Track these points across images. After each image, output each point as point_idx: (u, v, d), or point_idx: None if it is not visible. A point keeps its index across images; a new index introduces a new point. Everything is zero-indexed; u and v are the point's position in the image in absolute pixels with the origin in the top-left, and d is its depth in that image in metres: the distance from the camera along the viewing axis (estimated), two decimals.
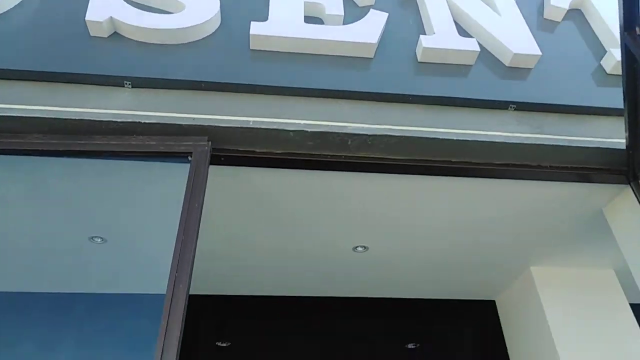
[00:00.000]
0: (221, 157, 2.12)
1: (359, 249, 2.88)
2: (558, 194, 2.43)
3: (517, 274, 3.17)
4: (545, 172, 2.26)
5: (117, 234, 2.63)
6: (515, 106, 2.25)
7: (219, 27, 2.29)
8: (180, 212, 1.86)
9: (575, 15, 2.72)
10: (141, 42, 2.18)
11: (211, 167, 2.10)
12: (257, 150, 2.15)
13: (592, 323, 2.88)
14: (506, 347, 3.42)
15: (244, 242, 2.79)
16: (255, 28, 2.21)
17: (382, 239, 2.78)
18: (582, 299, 2.97)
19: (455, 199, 2.45)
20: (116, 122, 1.99)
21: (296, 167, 2.21)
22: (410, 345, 5.06)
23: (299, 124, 2.08)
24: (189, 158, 2.00)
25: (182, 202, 1.87)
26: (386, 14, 2.40)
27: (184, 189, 1.90)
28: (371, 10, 2.44)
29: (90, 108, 2.00)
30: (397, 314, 4.16)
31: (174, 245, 1.75)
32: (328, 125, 2.09)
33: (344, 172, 2.25)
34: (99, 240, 2.68)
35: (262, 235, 2.73)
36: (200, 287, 3.28)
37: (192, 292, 3.35)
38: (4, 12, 2.19)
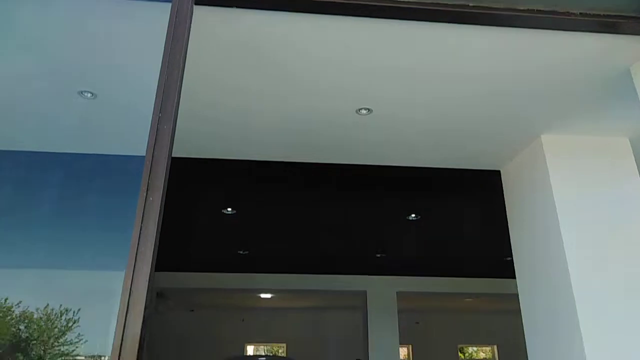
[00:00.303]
0: None
1: (363, 111, 2.74)
2: (583, 47, 2.19)
3: (526, 143, 3.05)
4: (574, 20, 2.01)
5: (107, 89, 2.50)
6: None
7: None
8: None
9: None
10: None
11: (198, 8, 1.88)
12: None
13: (599, 193, 2.82)
14: (507, 220, 3.43)
15: (238, 102, 2.65)
16: None
17: (387, 100, 2.62)
18: (591, 167, 2.88)
19: (468, 52, 2.23)
20: None
21: (293, 9, 1.97)
22: (412, 217, 5.19)
23: None
24: None
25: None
26: None
27: None
28: None
29: None
30: (399, 184, 4.17)
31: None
32: None
33: (346, 17, 2.02)
34: (89, 95, 2.55)
35: (258, 94, 2.57)
36: (201, 150, 3.22)
37: (192, 155, 3.30)
38: None
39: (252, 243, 6.40)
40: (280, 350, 13.47)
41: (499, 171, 3.48)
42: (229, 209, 4.94)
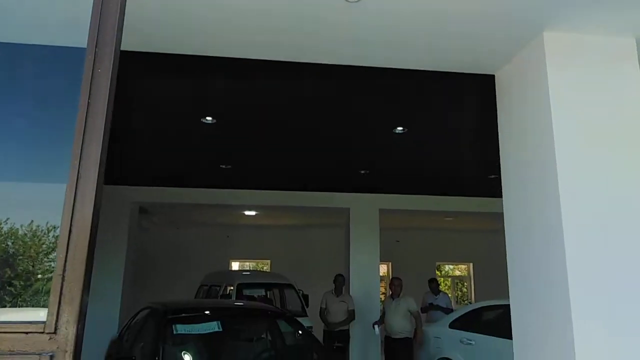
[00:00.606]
0: None
1: None
2: None
3: (526, 41, 2.82)
4: None
5: None
6: None
7: None
8: None
9: None
10: None
11: None
12: None
13: (598, 97, 2.66)
14: (497, 131, 3.27)
15: None
16: None
17: None
18: (592, 69, 2.70)
19: None
20: None
21: None
22: (398, 130, 5.03)
23: None
24: None
25: None
26: None
27: None
28: None
29: None
30: (388, 90, 3.96)
31: None
32: None
33: None
34: None
35: None
36: (175, 44, 2.94)
37: (163, 50, 3.01)
38: None
39: (234, 157, 6.24)
40: (264, 267, 13.90)
41: (492, 77, 3.28)
42: (208, 118, 4.71)
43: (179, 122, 4.91)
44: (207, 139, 5.38)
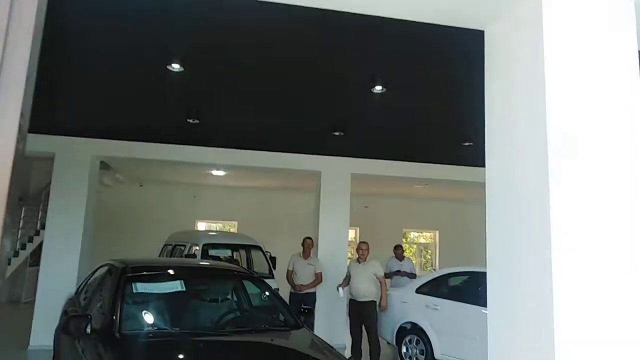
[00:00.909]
0: None
1: None
2: None
3: None
4: None
5: None
6: None
7: None
8: None
9: None
10: None
11: None
12: None
13: (592, 61, 2.52)
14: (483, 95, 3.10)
15: None
16: None
17: None
18: (588, 30, 2.55)
19: None
20: None
21: None
22: (377, 89, 4.83)
23: None
24: None
25: None
26: None
27: None
28: None
29: None
30: (366, 42, 3.72)
31: None
32: None
33: None
34: None
35: None
36: None
37: None
38: None
39: (202, 110, 5.91)
40: (231, 229, 13.70)
41: (481, 33, 3.09)
42: (175, 66, 4.36)
43: (143, 69, 4.54)
44: (173, 89, 5.03)
